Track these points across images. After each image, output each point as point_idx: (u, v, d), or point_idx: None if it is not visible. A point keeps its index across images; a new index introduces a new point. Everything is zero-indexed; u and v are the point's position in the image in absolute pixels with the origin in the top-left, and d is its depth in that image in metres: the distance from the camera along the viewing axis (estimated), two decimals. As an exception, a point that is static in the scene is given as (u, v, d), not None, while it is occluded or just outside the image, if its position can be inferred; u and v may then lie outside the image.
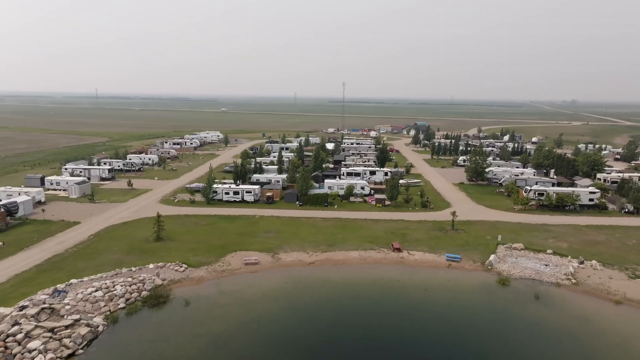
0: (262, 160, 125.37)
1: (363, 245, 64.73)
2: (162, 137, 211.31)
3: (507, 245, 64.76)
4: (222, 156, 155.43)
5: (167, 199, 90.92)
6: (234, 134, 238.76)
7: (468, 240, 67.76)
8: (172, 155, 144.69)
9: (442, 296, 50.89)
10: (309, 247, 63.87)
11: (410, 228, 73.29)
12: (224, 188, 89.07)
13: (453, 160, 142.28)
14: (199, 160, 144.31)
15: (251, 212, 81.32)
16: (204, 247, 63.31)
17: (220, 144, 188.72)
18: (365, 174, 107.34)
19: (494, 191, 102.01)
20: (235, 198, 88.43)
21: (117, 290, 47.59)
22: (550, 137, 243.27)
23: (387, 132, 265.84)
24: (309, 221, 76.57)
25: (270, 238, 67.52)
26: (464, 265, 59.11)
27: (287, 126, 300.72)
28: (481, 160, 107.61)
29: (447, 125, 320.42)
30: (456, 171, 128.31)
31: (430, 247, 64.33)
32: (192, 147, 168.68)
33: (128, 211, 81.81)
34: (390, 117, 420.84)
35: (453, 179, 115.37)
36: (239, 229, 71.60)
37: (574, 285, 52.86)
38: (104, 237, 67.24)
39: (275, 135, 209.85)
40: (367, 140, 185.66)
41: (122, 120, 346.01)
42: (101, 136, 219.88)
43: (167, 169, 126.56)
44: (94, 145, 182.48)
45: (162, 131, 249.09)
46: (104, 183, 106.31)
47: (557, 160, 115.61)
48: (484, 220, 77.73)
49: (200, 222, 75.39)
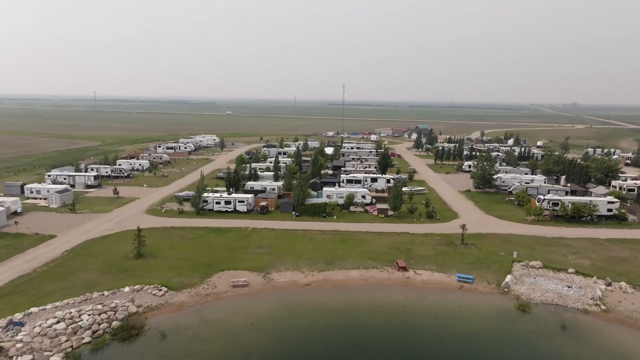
0: (258, 166, 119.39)
1: (365, 263, 58.67)
2: (157, 141, 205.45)
3: (524, 263, 58.68)
4: (217, 161, 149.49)
5: (154, 209, 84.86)
6: (231, 137, 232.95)
7: (480, 256, 61.69)
8: (164, 161, 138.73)
9: (455, 325, 44.78)
10: (305, 265, 57.81)
11: (415, 242, 67.24)
12: (215, 197, 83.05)
13: (458, 165, 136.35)
14: (192, 166, 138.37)
15: (243, 224, 75.28)
16: (189, 265, 57.24)
17: (216, 148, 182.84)
18: (366, 181, 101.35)
19: (503, 199, 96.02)
20: (226, 208, 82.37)
21: (84, 320, 41.50)
22: (555, 140, 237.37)
23: (388, 135, 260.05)
24: (306, 234, 70.52)
25: (263, 254, 61.45)
26: (478, 287, 53.03)
27: (286, 129, 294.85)
28: (489, 166, 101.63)
29: (449, 128, 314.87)
30: (461, 177, 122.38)
31: (439, 265, 58.26)
32: (186, 151, 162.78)
33: (110, 222, 75.74)
34: (390, 120, 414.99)
35: (459, 186, 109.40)
36: (228, 244, 65.52)
37: (604, 312, 46.76)
38: (79, 253, 61.13)
39: (274, 139, 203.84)
40: (367, 145, 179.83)
41: (119, 123, 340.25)
42: (94, 140, 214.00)
43: (157, 175, 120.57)
44: (85, 149, 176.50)
45: (157, 135, 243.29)
46: (89, 191, 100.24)
47: (568, 167, 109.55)
48: (495, 233, 71.67)
49: (187, 235, 69.30)
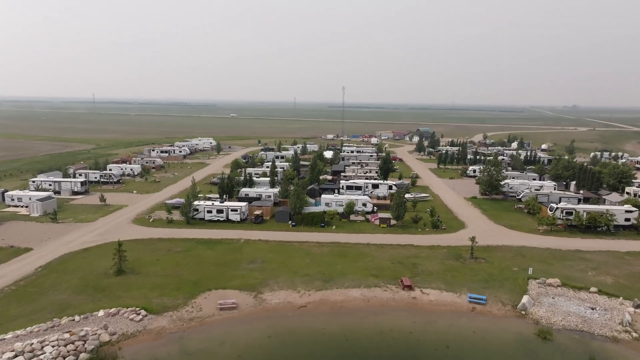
0: (254, 172, 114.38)
1: (366, 280, 53.61)
2: (153, 144, 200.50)
3: (540, 280, 53.60)
4: (212, 165, 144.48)
5: (141, 218, 79.79)
6: (228, 140, 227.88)
7: (492, 272, 56.62)
8: (157, 165, 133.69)
9: (469, 355, 39.74)
10: (301, 283, 52.75)
11: (421, 256, 62.18)
12: (206, 206, 77.98)
13: (462, 170, 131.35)
14: (186, 171, 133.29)
15: (236, 235, 70.23)
16: (173, 283, 52.17)
17: (212, 152, 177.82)
18: (367, 188, 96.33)
19: (511, 207, 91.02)
20: (218, 217, 77.31)
21: (46, 353, 36.45)
22: (559, 143, 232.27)
23: (389, 138, 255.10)
24: (302, 247, 65.45)
25: (255, 270, 56.39)
26: (492, 308, 47.95)
27: (286, 132, 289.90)
28: (496, 172, 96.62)
29: (450, 131, 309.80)
30: (466, 183, 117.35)
31: (448, 283, 53.18)
32: (181, 155, 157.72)
33: (93, 233, 70.66)
34: (391, 123, 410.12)
35: (464, 192, 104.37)
36: (218, 258, 60.46)
37: (636, 340, 41.70)
38: (55, 269, 56.05)
39: (272, 142, 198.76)
40: (367, 148, 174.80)
41: (116, 126, 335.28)
42: (88, 143, 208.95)
43: (149, 180, 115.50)
44: (77, 153, 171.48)
45: (154, 138, 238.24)
46: (75, 198, 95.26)
47: (578, 172, 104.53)
48: (506, 246, 66.60)
49: (175, 248, 64.21)
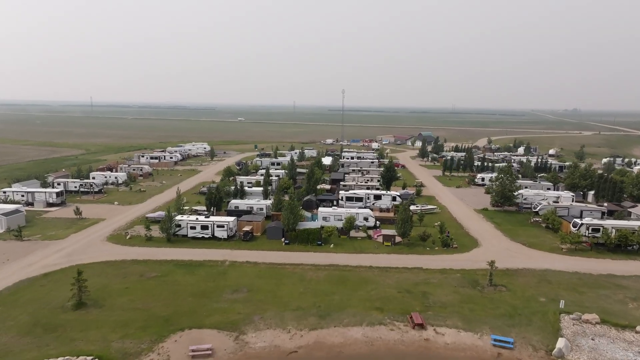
0: (246, 180, 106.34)
1: (369, 316, 45.51)
2: (145, 149, 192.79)
3: (575, 315, 45.46)
4: (204, 172, 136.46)
5: (118, 235, 71.69)
6: (224, 145, 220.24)
7: (515, 304, 48.52)
8: (145, 172, 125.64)
9: None
10: (292, 320, 44.66)
11: (431, 282, 54.09)
12: (189, 221, 69.87)
13: (469, 178, 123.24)
14: (176, 178, 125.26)
15: (221, 256, 62.14)
16: (141, 320, 44.08)
17: (205, 158, 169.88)
18: (369, 199, 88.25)
19: (526, 220, 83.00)
20: (203, 234, 69.22)
21: None
22: (566, 148, 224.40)
23: (390, 143, 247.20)
24: (296, 270, 57.37)
25: (239, 302, 48.31)
26: (521, 354, 39.83)
27: (284, 136, 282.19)
28: (510, 181, 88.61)
29: (452, 135, 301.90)
30: (474, 192, 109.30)
31: (465, 320, 45.06)
32: (172, 161, 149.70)
33: (60, 254, 62.55)
34: (391, 127, 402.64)
35: (473, 203, 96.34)
36: (198, 286, 52.38)
37: None
38: (3, 301, 47.84)
39: (270, 147, 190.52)
40: (368, 154, 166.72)
41: (111, 129, 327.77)
42: (78, 148, 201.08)
43: (134, 190, 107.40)
44: (63, 159, 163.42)
45: (147, 142, 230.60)
46: (49, 210, 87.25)
47: (597, 181, 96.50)
48: (528, 269, 58.49)
49: (149, 272, 56.10)
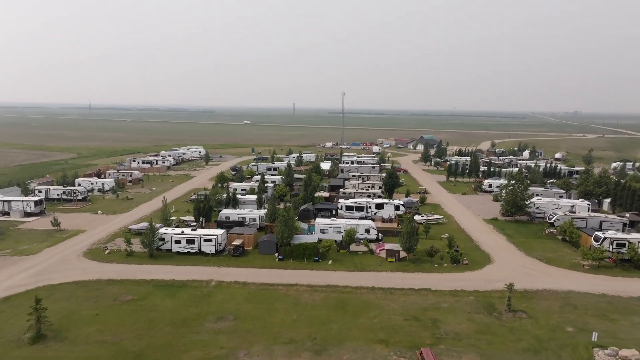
0: (240, 187, 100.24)
1: (372, 351, 39.33)
2: (138, 153, 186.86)
3: (610, 350, 39.26)
4: (197, 178, 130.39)
5: (96, 249, 65.57)
6: (221, 149, 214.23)
7: (539, 335, 42.36)
8: (134, 178, 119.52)
9: None
10: (283, 356, 38.40)
11: (442, 307, 47.94)
12: (174, 235, 63.76)
13: (475, 184, 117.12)
14: (168, 184, 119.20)
15: (207, 274, 56.05)
16: (107, 358, 37.94)
17: (200, 162, 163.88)
18: (370, 208, 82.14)
19: (540, 232, 77.01)
20: (189, 248, 63.15)
21: None
22: (572, 152, 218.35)
23: (391, 146, 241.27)
24: (290, 292, 51.25)
25: (222, 332, 42.16)
26: (553, 403, 33.72)
27: (283, 139, 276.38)
28: (521, 189, 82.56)
29: (454, 138, 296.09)
30: (482, 200, 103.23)
31: (484, 356, 38.82)
32: (164, 166, 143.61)
33: (28, 272, 56.41)
34: (392, 129, 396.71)
35: (482, 212, 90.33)
36: (178, 312, 46.23)
37: None
38: (-48, 332, 41.88)
39: (268, 151, 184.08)
40: (369, 158, 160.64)
41: (106, 132, 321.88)
42: (70, 152, 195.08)
43: (121, 197, 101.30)
44: (52, 163, 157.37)
45: (142, 146, 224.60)
46: (27, 220, 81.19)
47: (614, 189, 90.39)
48: (549, 290, 52.33)
49: (124, 295, 49.95)
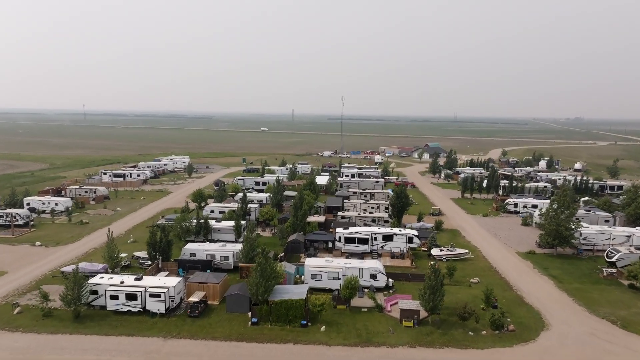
0: (219, 208, 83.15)
1: None
2: (118, 163, 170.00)
3: None
4: (175, 194, 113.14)
5: (6, 304, 48.36)
6: (210, 158, 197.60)
7: None
8: (99, 196, 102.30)
9: None
10: None
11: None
12: (110, 287, 46.59)
13: (497, 202, 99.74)
14: (137, 203, 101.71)
15: (145, 351, 38.89)
16: None
17: (183, 174, 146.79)
18: (376, 240, 64.97)
19: (594, 271, 60.00)
20: (130, 306, 46.01)
21: None
22: (589, 161, 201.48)
23: (394, 155, 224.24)
24: (260, 389, 34.16)
25: None
26: None
27: (279, 147, 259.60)
28: (567, 215, 65.37)
29: (459, 145, 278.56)
30: (508, 223, 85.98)
31: None
32: (139, 180, 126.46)
33: None
34: (393, 136, 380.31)
35: (512, 241, 73.32)
36: None
37: None
38: None
39: (263, 160, 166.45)
40: (371, 169, 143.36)
41: (93, 140, 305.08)
42: (43, 162, 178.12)
43: (75, 221, 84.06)
44: (17, 175, 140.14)
45: (126, 154, 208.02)
46: (-61, 256, 64.11)
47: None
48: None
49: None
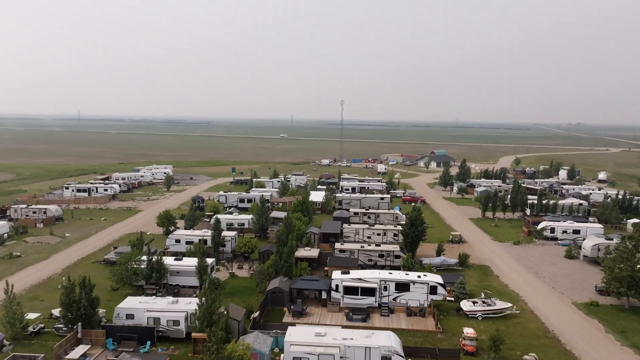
0: (186, 238, 65.83)
1: None
2: (94, 174, 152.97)
3: None
4: (145, 213, 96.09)
5: None
6: (197, 167, 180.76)
7: None
8: (49, 217, 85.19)
9: None
10: None
11: None
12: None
13: (528, 226, 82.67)
14: (94, 226, 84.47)
15: None
16: None
17: (161, 187, 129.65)
18: (387, 290, 47.82)
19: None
20: None
21: None
22: (612, 170, 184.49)
23: (398, 163, 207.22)
24: None
25: None
26: None
27: (276, 154, 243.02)
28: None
29: (466, 152, 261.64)
30: (547, 255, 68.93)
31: None
32: (107, 195, 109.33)
33: None
34: (395, 142, 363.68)
35: (562, 284, 56.28)
36: None
37: None
38: None
39: (256, 169, 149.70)
40: (375, 182, 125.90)
41: (78, 147, 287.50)
42: (10, 172, 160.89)
43: (3, 254, 66.75)
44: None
45: (106, 163, 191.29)
46: None
47: None
48: None
49: None
